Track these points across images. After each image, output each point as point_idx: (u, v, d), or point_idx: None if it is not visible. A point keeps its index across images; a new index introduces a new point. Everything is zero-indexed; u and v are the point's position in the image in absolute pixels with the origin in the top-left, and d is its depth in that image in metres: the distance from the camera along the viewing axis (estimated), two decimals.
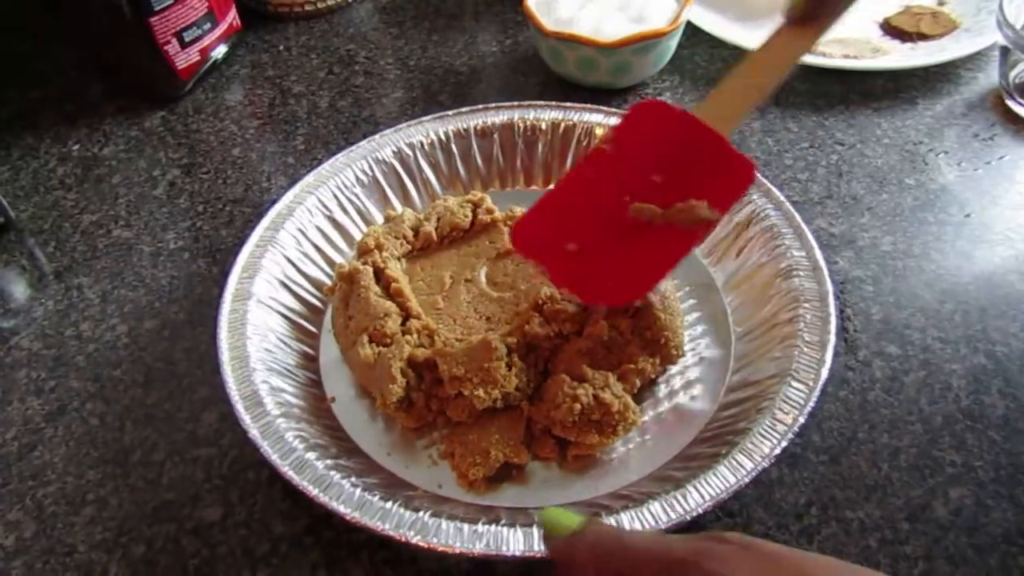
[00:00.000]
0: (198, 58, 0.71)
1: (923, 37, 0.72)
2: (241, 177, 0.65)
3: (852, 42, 0.71)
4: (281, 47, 0.77)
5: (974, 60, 0.70)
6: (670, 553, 0.29)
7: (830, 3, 0.37)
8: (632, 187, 0.43)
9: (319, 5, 0.80)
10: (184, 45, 0.69)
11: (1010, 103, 0.65)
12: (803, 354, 0.45)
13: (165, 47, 0.68)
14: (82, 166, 0.66)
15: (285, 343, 0.50)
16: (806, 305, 0.48)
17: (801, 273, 0.49)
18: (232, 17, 0.74)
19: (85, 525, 0.45)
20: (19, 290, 0.58)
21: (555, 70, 0.70)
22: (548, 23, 0.66)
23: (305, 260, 0.55)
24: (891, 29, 0.73)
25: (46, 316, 0.55)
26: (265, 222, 0.54)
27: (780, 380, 0.45)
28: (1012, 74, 0.65)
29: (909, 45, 0.72)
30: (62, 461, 0.48)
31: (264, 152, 0.67)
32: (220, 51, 0.73)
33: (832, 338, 0.46)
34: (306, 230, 0.55)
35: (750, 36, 0.71)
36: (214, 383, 0.51)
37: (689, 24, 0.71)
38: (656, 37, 0.64)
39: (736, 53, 0.71)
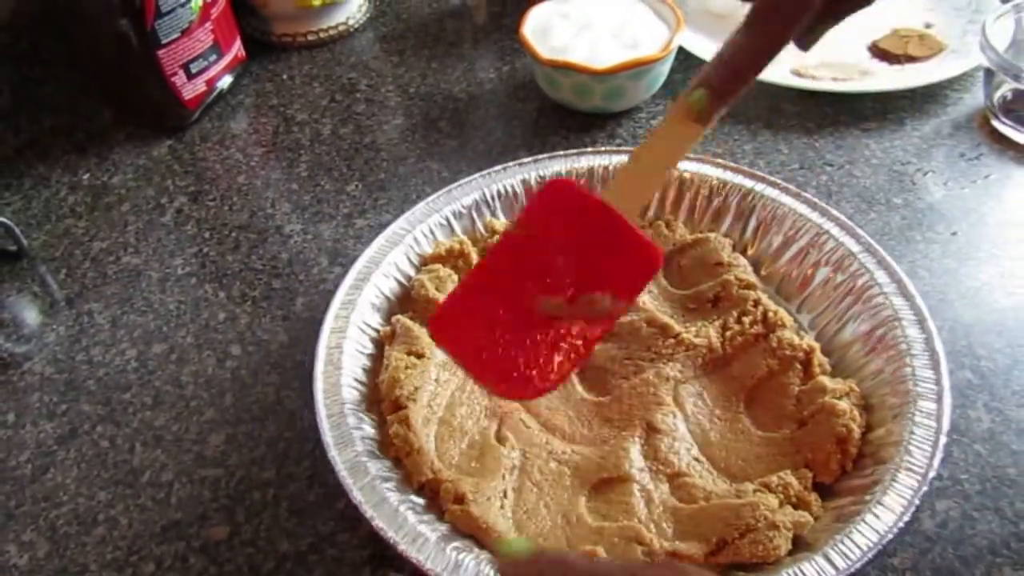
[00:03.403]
0: (204, 88, 0.73)
1: (911, 59, 0.73)
2: (246, 204, 0.66)
3: (841, 65, 0.73)
4: (285, 76, 0.79)
5: (960, 81, 0.71)
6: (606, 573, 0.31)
7: (728, 106, 0.40)
8: (540, 276, 0.43)
9: (321, 35, 0.82)
10: (191, 76, 0.71)
11: (995, 123, 0.67)
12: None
13: (172, 78, 0.70)
14: (92, 194, 0.68)
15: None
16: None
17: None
18: (237, 48, 0.76)
19: (96, 545, 0.46)
20: (31, 316, 0.59)
21: (551, 96, 0.72)
22: (543, 51, 0.68)
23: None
24: (879, 52, 0.75)
25: (58, 341, 0.57)
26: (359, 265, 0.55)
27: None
28: (997, 95, 0.66)
29: (897, 67, 0.73)
30: (74, 482, 0.49)
31: (268, 179, 0.69)
32: (226, 81, 0.75)
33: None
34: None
35: None
36: (221, 405, 0.53)
37: (681, 49, 0.73)
38: (648, 63, 0.66)
39: None
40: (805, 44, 0.41)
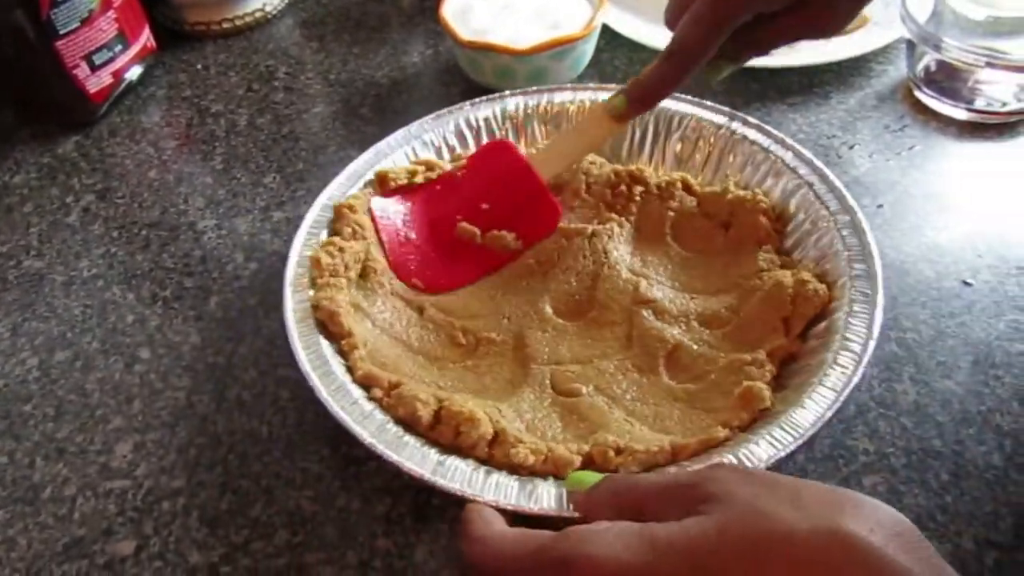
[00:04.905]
0: (111, 80, 0.69)
1: None
2: (157, 200, 0.63)
3: None
4: (199, 66, 0.76)
5: (884, 53, 0.71)
6: (677, 480, 0.33)
7: (640, 114, 0.52)
8: (466, 209, 0.55)
9: (237, 22, 0.79)
10: (94, 68, 0.68)
11: (918, 94, 0.67)
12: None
13: (74, 71, 0.66)
14: None
15: None
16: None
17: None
18: (146, 38, 0.73)
19: None
20: None
21: (475, 80, 0.70)
22: (464, 33, 0.66)
23: None
24: None
25: None
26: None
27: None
28: (919, 66, 0.66)
29: (822, 40, 0.73)
30: None
31: (181, 173, 0.66)
32: (135, 72, 0.72)
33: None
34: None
35: (667, 38, 0.71)
36: (128, 413, 0.50)
37: (608, 29, 0.72)
38: (570, 42, 0.65)
39: (655, 55, 0.71)
40: (709, 84, 0.53)
